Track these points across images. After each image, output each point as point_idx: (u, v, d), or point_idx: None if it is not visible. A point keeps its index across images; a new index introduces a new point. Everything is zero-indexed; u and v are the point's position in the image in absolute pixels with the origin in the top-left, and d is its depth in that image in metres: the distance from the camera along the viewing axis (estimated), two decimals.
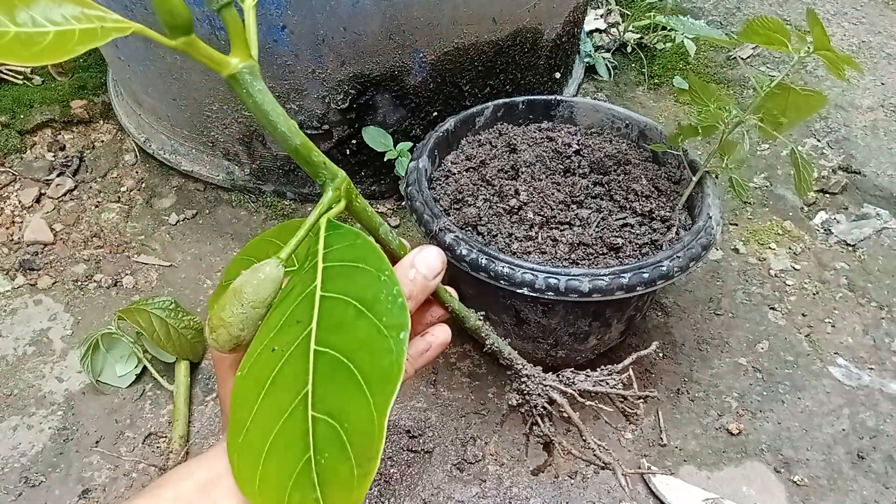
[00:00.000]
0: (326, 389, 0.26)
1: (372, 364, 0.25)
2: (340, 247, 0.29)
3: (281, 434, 0.26)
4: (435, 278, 0.37)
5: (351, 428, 0.25)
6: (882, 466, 0.81)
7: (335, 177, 0.32)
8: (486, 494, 0.77)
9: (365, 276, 0.28)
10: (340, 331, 0.27)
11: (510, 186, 0.80)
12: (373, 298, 0.27)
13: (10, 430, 0.83)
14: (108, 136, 1.24)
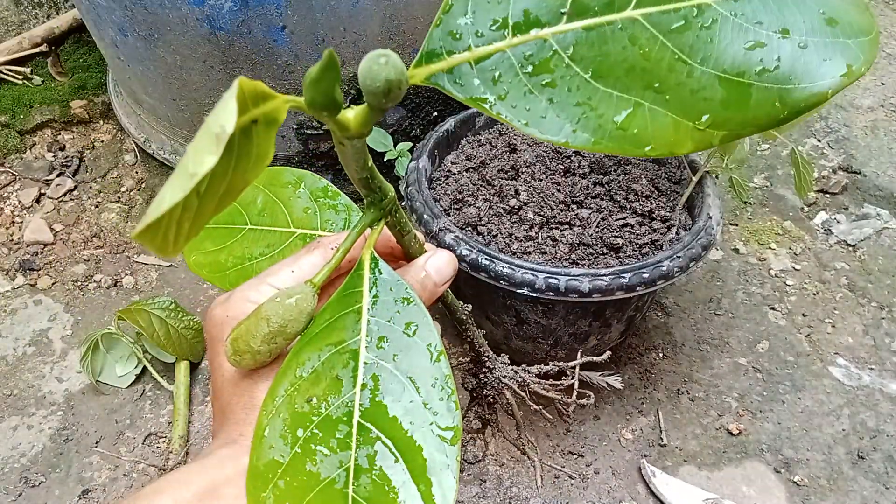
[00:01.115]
0: (371, 475, 0.24)
1: (424, 468, 0.24)
2: (387, 301, 0.27)
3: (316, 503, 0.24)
4: (444, 284, 0.36)
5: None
6: (882, 466, 0.81)
7: (386, 196, 0.30)
8: (486, 494, 0.77)
9: (417, 353, 0.26)
10: (387, 411, 0.25)
11: (510, 186, 0.80)
12: (425, 385, 0.25)
13: (10, 430, 0.83)
14: (108, 136, 1.24)
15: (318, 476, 0.24)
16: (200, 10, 0.85)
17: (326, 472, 0.24)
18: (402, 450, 0.24)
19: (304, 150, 1.04)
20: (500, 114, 0.24)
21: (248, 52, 0.90)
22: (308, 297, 0.29)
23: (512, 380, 0.48)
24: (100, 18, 0.97)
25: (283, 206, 0.38)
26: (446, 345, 0.92)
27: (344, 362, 0.26)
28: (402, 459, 0.24)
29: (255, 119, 0.19)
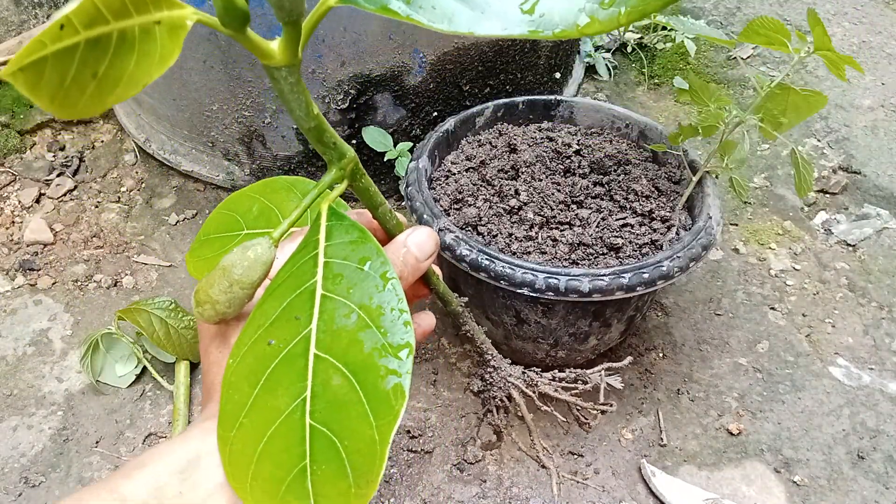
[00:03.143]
0: (326, 400, 0.25)
1: (375, 385, 0.25)
2: (343, 242, 0.29)
3: (277, 436, 0.26)
4: (427, 260, 0.36)
5: (351, 447, 0.24)
6: (882, 466, 0.81)
7: (343, 157, 0.31)
8: (486, 494, 0.77)
9: (368, 281, 0.27)
10: (341, 338, 0.26)
11: (510, 186, 0.80)
12: (377, 310, 0.26)
13: (10, 430, 0.83)
14: (108, 136, 1.24)
15: (279, 409, 0.26)
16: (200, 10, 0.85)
17: (286, 404, 0.26)
18: (355, 371, 0.25)
19: (304, 149, 1.04)
20: (409, 16, 0.25)
21: (248, 53, 0.89)
22: (265, 248, 0.30)
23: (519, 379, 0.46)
24: None
25: (276, 210, 0.40)
26: (445, 344, 0.93)
27: (302, 303, 0.27)
28: (356, 380, 0.25)
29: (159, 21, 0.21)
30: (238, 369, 0.28)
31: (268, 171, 1.09)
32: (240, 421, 0.27)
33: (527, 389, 0.45)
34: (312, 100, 0.29)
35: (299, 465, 0.25)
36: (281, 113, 0.99)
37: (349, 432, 0.25)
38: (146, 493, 0.28)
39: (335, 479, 0.24)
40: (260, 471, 0.26)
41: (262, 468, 0.26)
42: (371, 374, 0.25)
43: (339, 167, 0.31)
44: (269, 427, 0.26)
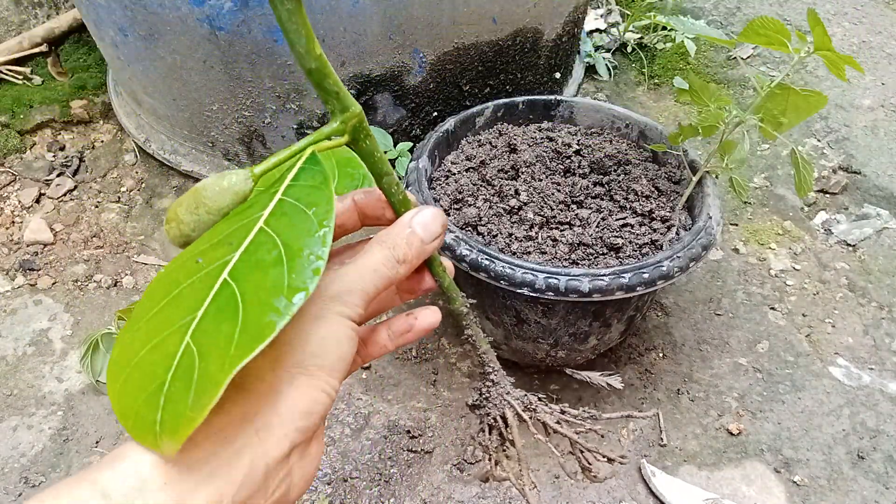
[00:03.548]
0: (211, 322, 0.25)
1: (256, 317, 0.25)
2: (305, 185, 0.29)
3: (156, 348, 0.26)
4: (433, 242, 0.35)
5: (205, 369, 0.24)
6: (882, 466, 0.81)
7: (346, 109, 0.30)
8: (486, 494, 0.77)
9: (305, 224, 0.27)
10: (255, 270, 0.26)
11: (510, 186, 0.80)
12: (297, 250, 0.26)
13: (10, 430, 0.83)
14: (107, 136, 1.24)
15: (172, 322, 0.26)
16: (200, 10, 0.85)
17: (178, 318, 0.26)
18: (246, 301, 0.25)
19: None
20: None
21: (248, 52, 0.90)
22: (240, 178, 0.30)
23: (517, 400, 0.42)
24: (100, 18, 0.97)
25: None
26: (445, 344, 0.92)
27: (242, 232, 0.27)
28: (242, 309, 0.25)
29: None
30: (163, 278, 0.28)
31: None
32: (139, 325, 0.27)
33: (523, 413, 0.42)
34: (316, 39, 0.28)
35: (161, 380, 0.25)
36: (281, 113, 0.99)
37: (210, 356, 0.24)
38: (128, 485, 0.26)
39: (179, 398, 0.24)
40: (131, 378, 0.26)
41: (134, 377, 0.26)
42: (258, 307, 0.25)
43: (342, 120, 0.30)
44: (154, 338, 0.26)
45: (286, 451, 0.30)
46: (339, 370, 0.31)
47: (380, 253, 0.34)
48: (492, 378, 0.43)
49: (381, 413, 0.85)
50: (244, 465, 0.28)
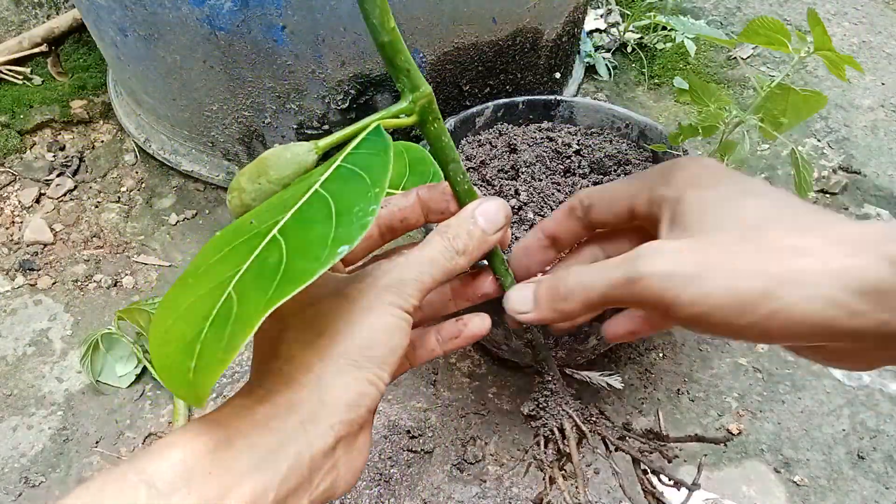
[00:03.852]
0: (254, 274, 0.26)
1: (297, 265, 0.25)
2: (365, 153, 0.29)
3: (199, 301, 0.26)
4: (496, 233, 0.34)
5: (240, 313, 0.25)
6: (882, 466, 0.81)
7: (416, 89, 0.30)
8: (486, 495, 0.77)
9: (359, 185, 0.27)
10: (303, 227, 0.26)
11: (510, 187, 0.80)
12: (347, 208, 0.26)
13: (10, 430, 0.84)
14: (108, 136, 1.24)
15: (219, 277, 0.26)
16: (200, 10, 0.85)
17: (225, 273, 0.26)
18: (290, 252, 0.26)
19: None
20: None
21: (248, 52, 0.90)
22: (304, 150, 0.30)
23: (577, 412, 0.39)
24: (100, 18, 0.97)
25: None
26: None
27: (297, 194, 0.28)
28: (286, 259, 0.25)
29: None
30: (216, 240, 0.28)
31: None
32: (186, 283, 0.27)
33: (583, 425, 0.39)
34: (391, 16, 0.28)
35: (200, 328, 0.25)
36: (281, 113, 0.99)
37: (249, 299, 0.25)
38: (174, 473, 0.26)
39: (216, 341, 0.25)
40: (172, 328, 0.26)
41: (175, 327, 0.26)
42: (301, 258, 0.25)
43: (412, 99, 0.30)
44: (200, 291, 0.26)
45: (332, 444, 0.29)
46: (389, 362, 0.31)
47: (439, 243, 0.33)
48: (550, 387, 0.40)
49: (381, 413, 0.85)
50: (289, 457, 0.28)
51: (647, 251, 0.30)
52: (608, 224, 0.37)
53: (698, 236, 0.30)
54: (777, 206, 0.30)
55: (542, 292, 0.35)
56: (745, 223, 0.29)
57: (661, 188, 0.33)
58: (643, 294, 0.29)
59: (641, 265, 0.29)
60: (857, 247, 0.26)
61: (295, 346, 0.30)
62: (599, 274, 0.32)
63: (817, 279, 0.26)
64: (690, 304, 0.28)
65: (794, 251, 0.27)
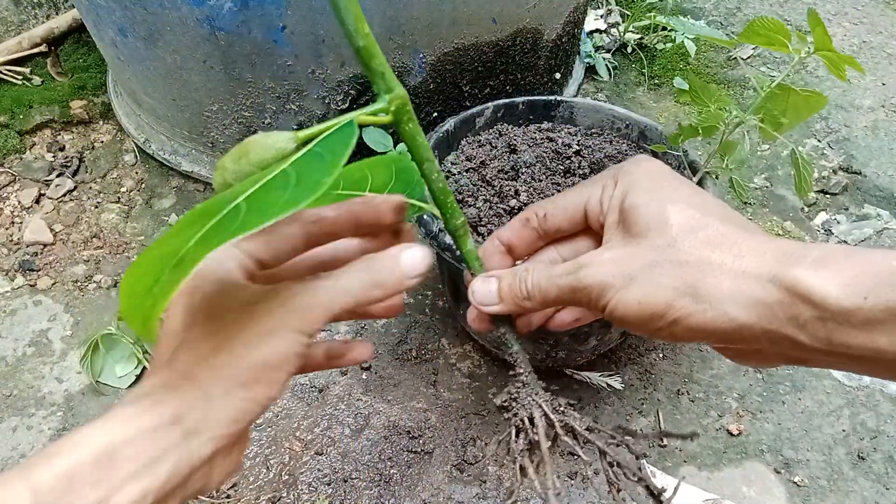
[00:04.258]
0: (213, 231, 0.29)
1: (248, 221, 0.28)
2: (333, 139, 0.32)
3: (161, 257, 0.29)
4: (414, 279, 0.36)
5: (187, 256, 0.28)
6: (882, 467, 0.81)
7: (391, 90, 0.33)
8: (486, 495, 0.77)
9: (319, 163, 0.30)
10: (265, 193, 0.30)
11: (510, 187, 0.80)
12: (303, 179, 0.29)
13: (9, 430, 0.83)
14: (107, 136, 1.24)
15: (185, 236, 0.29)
16: (200, 10, 0.85)
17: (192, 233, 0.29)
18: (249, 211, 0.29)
19: None
20: None
21: (248, 52, 0.90)
22: (284, 139, 0.32)
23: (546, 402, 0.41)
24: (100, 19, 0.97)
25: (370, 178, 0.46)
26: (445, 345, 0.92)
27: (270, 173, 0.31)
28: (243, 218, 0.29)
29: None
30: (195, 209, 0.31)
31: None
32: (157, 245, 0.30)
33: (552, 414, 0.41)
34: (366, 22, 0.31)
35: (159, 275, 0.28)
36: (281, 113, 0.99)
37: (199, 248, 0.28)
38: (56, 481, 0.28)
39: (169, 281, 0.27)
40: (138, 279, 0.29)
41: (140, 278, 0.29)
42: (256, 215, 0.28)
43: (387, 100, 0.33)
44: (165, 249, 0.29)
45: (210, 454, 0.31)
46: (276, 382, 0.32)
47: (361, 273, 0.34)
48: (522, 379, 0.42)
49: (381, 413, 0.85)
50: (168, 466, 0.30)
51: (586, 261, 0.35)
52: (564, 231, 0.41)
53: (628, 244, 0.35)
54: (700, 216, 0.34)
55: (505, 289, 0.40)
56: (667, 232, 0.34)
57: (607, 191, 0.38)
58: (584, 300, 0.36)
59: (582, 275, 0.35)
60: (753, 264, 0.31)
61: (190, 358, 0.32)
62: (553, 280, 0.37)
63: (712, 294, 0.31)
64: (614, 308, 0.34)
65: (700, 266, 0.32)
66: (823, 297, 0.28)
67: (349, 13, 0.30)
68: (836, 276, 0.28)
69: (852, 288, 0.28)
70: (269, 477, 0.79)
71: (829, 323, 0.28)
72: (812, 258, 0.30)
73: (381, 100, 0.33)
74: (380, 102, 0.33)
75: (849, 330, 0.28)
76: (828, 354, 0.30)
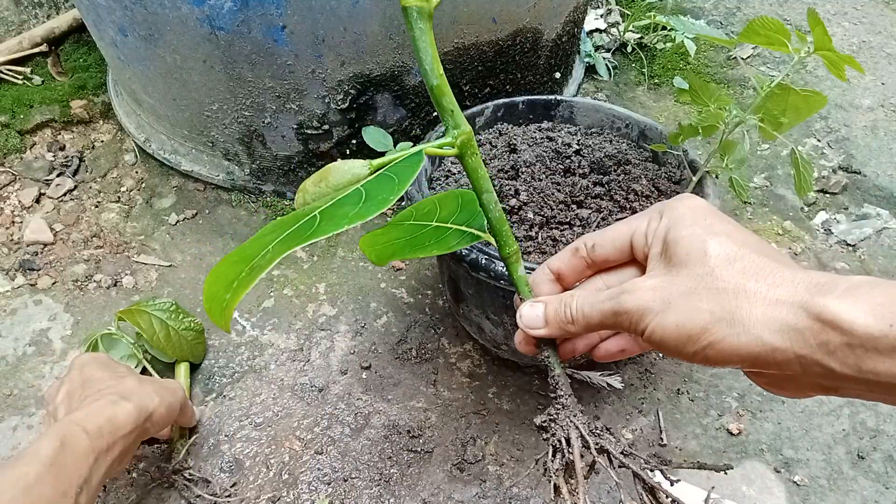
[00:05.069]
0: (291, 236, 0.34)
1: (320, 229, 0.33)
2: (402, 165, 0.36)
3: (244, 258, 0.34)
4: None
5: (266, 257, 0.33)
6: (882, 466, 0.81)
7: (458, 126, 0.37)
8: (486, 494, 0.78)
9: (389, 183, 0.34)
10: (336, 208, 0.34)
11: (510, 186, 0.80)
12: (373, 196, 0.33)
13: (9, 430, 0.84)
14: (107, 136, 1.24)
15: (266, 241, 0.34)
16: (200, 10, 0.85)
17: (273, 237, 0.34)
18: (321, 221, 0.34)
19: (304, 149, 1.04)
20: None
21: (248, 52, 0.90)
22: (359, 167, 0.37)
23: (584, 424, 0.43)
24: (100, 18, 0.97)
25: (438, 209, 0.51)
26: (445, 344, 0.92)
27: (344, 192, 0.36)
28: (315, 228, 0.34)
29: None
30: (277, 220, 0.36)
31: (268, 171, 1.09)
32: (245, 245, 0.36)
33: (588, 436, 0.43)
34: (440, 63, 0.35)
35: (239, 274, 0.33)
36: (281, 113, 0.99)
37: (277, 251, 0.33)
38: None
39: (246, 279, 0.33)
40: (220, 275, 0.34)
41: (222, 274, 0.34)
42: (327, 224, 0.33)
43: (454, 135, 0.37)
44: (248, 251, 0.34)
45: None
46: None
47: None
48: (562, 402, 0.44)
49: (381, 413, 0.85)
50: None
51: (629, 288, 0.38)
52: (611, 261, 0.43)
53: (669, 273, 0.37)
54: (738, 248, 0.36)
55: (551, 314, 0.43)
56: (708, 262, 0.35)
57: (652, 224, 0.40)
58: (625, 324, 0.38)
59: (623, 300, 0.37)
60: (786, 292, 0.33)
61: None
62: (596, 305, 0.39)
63: (747, 320, 0.33)
64: (652, 332, 0.36)
65: (737, 293, 0.34)
66: (851, 323, 0.29)
67: (428, 54, 0.34)
68: (864, 304, 0.30)
69: (879, 315, 0.29)
70: (269, 476, 0.79)
71: (858, 349, 0.30)
72: (842, 288, 0.31)
73: (450, 134, 0.37)
74: (448, 136, 0.37)
75: (876, 356, 0.29)
76: (858, 382, 0.31)
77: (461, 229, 0.49)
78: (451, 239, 0.49)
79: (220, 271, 0.34)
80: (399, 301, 0.99)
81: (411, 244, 0.50)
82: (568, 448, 0.43)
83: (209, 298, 0.33)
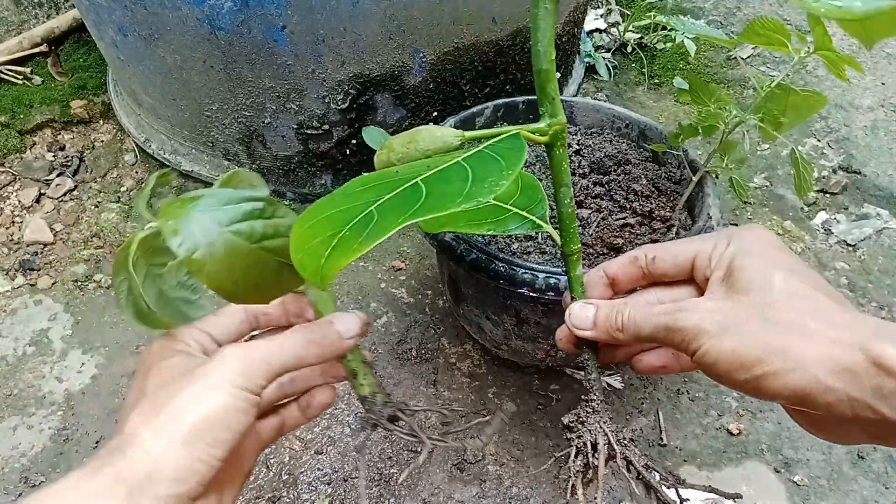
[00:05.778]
0: (395, 202, 0.32)
1: (432, 203, 0.31)
2: (504, 146, 0.34)
3: (342, 212, 0.32)
4: (349, 340, 0.40)
5: (379, 223, 0.31)
6: (882, 466, 0.81)
7: (555, 115, 0.36)
8: (486, 494, 0.78)
9: (495, 165, 0.33)
10: (442, 182, 0.32)
11: None
12: (482, 178, 0.32)
13: (10, 430, 0.84)
14: (107, 136, 1.24)
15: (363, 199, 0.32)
16: (200, 10, 0.85)
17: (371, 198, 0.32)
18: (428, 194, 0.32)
19: (304, 149, 1.04)
20: None
21: (248, 52, 0.90)
22: (451, 134, 0.36)
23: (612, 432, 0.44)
24: (100, 18, 0.97)
25: None
26: (445, 344, 0.92)
27: (442, 162, 0.34)
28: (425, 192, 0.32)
29: None
30: (361, 179, 0.35)
31: (268, 170, 1.09)
32: (331, 200, 0.33)
33: (616, 445, 0.43)
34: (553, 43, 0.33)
35: (340, 228, 0.31)
36: (281, 113, 0.99)
37: (388, 215, 0.31)
38: None
39: (353, 238, 0.31)
40: (315, 226, 0.32)
41: (318, 226, 0.32)
42: (437, 200, 0.31)
43: (549, 123, 0.36)
44: (343, 206, 0.32)
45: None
46: (223, 440, 0.34)
47: (298, 334, 0.38)
48: (593, 405, 0.45)
49: None
50: None
51: (687, 306, 0.37)
52: (668, 276, 0.44)
53: (730, 298, 0.37)
54: (801, 284, 0.36)
55: (602, 318, 0.43)
56: (769, 293, 0.35)
57: (718, 249, 0.40)
58: (677, 341, 0.37)
59: (680, 318, 0.37)
60: (845, 334, 0.32)
61: (136, 420, 0.34)
62: (649, 318, 0.39)
63: (803, 356, 0.33)
64: (705, 354, 0.35)
65: (794, 328, 0.33)
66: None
67: (545, 36, 0.33)
68: None
69: None
70: (269, 476, 0.79)
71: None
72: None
73: (544, 120, 0.36)
74: (542, 122, 0.36)
75: None
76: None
77: (522, 214, 0.48)
78: (511, 221, 0.48)
79: (305, 228, 0.32)
80: (399, 301, 0.99)
81: (468, 218, 0.48)
82: (594, 453, 0.43)
83: (300, 257, 0.31)
